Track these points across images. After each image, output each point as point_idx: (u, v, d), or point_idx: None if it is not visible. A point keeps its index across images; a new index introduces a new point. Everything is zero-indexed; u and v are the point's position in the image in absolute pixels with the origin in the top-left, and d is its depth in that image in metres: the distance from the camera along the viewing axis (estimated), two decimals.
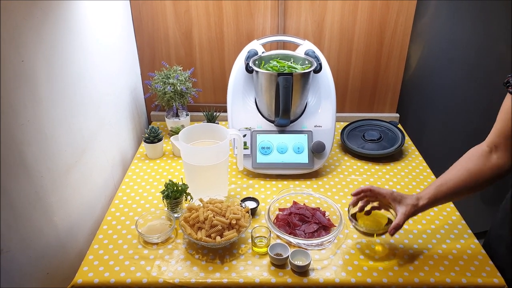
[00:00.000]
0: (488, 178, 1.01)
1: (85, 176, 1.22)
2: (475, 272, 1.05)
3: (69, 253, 1.15)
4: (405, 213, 1.01)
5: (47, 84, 1.01)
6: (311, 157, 1.42)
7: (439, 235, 1.18)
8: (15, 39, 0.88)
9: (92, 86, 1.26)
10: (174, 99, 1.56)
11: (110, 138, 1.41)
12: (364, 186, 1.08)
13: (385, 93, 1.82)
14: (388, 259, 1.09)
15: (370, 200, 1.11)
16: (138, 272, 1.05)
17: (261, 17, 1.63)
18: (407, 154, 1.59)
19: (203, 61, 1.73)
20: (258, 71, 1.36)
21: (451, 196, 1.04)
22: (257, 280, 1.03)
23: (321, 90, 1.47)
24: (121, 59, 1.53)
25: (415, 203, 1.02)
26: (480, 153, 1.02)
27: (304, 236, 1.15)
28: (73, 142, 1.15)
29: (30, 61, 0.94)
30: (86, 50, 1.22)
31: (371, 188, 1.07)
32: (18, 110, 0.90)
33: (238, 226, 1.11)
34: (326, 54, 1.69)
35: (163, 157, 1.56)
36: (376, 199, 1.09)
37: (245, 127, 1.45)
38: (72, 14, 1.13)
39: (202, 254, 1.11)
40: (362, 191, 1.08)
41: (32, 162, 0.96)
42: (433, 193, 1.02)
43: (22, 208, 0.94)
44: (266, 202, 1.31)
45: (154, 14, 1.63)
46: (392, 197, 1.05)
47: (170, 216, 1.20)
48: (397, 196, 1.04)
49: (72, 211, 1.15)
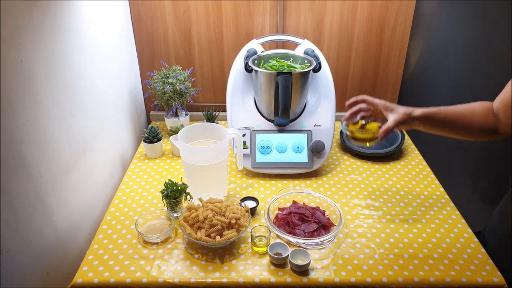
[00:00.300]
0: (483, 129, 1.03)
1: (85, 176, 1.22)
2: (475, 271, 1.05)
3: (69, 253, 1.15)
4: (396, 119, 1.02)
5: (47, 84, 1.01)
6: (310, 156, 1.42)
7: (439, 234, 1.18)
8: (14, 39, 0.88)
9: (92, 86, 1.26)
10: (173, 98, 1.56)
11: (110, 138, 1.41)
12: (359, 96, 1.10)
13: (384, 92, 1.82)
14: (387, 258, 1.09)
15: (365, 116, 1.12)
16: (138, 272, 1.05)
17: (260, 16, 1.63)
18: (406, 153, 1.59)
19: (202, 61, 1.73)
20: (258, 71, 1.36)
21: (445, 124, 1.04)
22: (257, 279, 1.03)
23: (320, 89, 1.47)
24: (121, 59, 1.53)
25: (408, 112, 1.03)
26: (488, 107, 1.03)
27: (304, 236, 1.15)
28: (73, 142, 1.15)
29: (30, 61, 0.94)
30: (86, 50, 1.22)
31: (365, 98, 1.09)
32: (17, 110, 0.90)
33: (237, 225, 1.11)
34: (326, 53, 1.69)
35: (163, 156, 1.56)
36: (371, 111, 1.11)
37: (245, 127, 1.45)
38: (72, 14, 1.13)
39: (202, 253, 1.11)
40: (357, 101, 1.10)
41: (31, 162, 0.96)
42: (430, 111, 1.03)
43: (22, 208, 0.94)
44: (266, 201, 1.31)
45: (153, 14, 1.63)
46: (384, 106, 1.06)
47: (169, 215, 1.20)
48: (390, 106, 1.06)
49: (72, 211, 1.15)
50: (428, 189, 1.38)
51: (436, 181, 1.42)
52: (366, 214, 1.26)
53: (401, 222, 1.22)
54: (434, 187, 1.39)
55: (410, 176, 1.45)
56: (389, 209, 1.28)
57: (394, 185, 1.40)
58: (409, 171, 1.48)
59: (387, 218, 1.24)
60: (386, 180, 1.43)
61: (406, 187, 1.39)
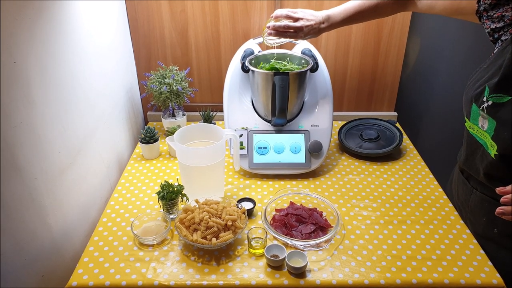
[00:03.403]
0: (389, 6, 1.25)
1: (80, 177, 1.21)
2: (474, 272, 1.04)
3: (64, 256, 1.14)
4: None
5: (41, 85, 1.00)
6: (308, 157, 1.41)
7: (437, 236, 1.17)
8: (7, 40, 0.87)
9: (87, 87, 1.25)
10: (170, 99, 1.55)
11: (106, 139, 1.40)
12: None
13: (383, 92, 1.81)
14: (385, 260, 1.08)
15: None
16: (134, 274, 1.04)
17: (257, 16, 1.62)
18: (405, 153, 1.58)
19: (199, 61, 1.72)
20: (255, 71, 1.35)
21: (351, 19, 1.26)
22: (253, 282, 1.02)
23: (318, 89, 1.47)
24: (117, 59, 1.52)
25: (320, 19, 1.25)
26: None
27: (301, 237, 1.14)
28: (68, 143, 1.14)
29: (23, 62, 0.92)
30: (81, 50, 1.21)
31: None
32: (10, 112, 0.89)
33: (234, 227, 1.10)
34: (323, 53, 1.68)
35: (160, 157, 1.55)
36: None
37: (242, 127, 1.44)
38: (66, 14, 1.12)
39: (198, 255, 1.10)
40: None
41: (25, 164, 0.95)
42: (332, 13, 1.26)
43: (15, 211, 0.93)
44: (263, 202, 1.30)
45: (150, 14, 1.62)
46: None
47: (165, 217, 1.19)
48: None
49: (67, 213, 1.14)
50: (427, 190, 1.37)
51: (435, 181, 1.41)
52: (364, 215, 1.25)
53: (399, 223, 1.22)
54: (432, 188, 1.38)
55: (408, 177, 1.44)
56: (387, 210, 1.27)
57: (392, 186, 1.39)
58: (408, 171, 1.47)
59: (385, 219, 1.23)
60: (385, 180, 1.42)
61: (404, 188, 1.38)
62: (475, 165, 1.06)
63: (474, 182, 1.11)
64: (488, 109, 0.95)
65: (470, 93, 1.01)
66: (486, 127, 0.97)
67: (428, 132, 1.86)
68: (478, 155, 1.04)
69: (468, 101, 1.02)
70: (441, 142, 1.84)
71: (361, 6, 1.24)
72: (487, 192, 1.06)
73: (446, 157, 1.82)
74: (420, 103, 1.84)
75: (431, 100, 1.80)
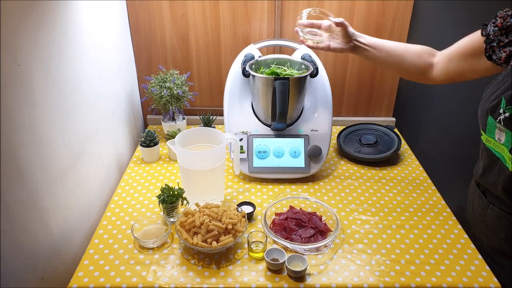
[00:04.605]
0: (413, 66, 1.20)
1: (81, 180, 1.21)
2: (472, 276, 1.05)
3: (64, 258, 1.14)
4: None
5: (43, 87, 1.00)
6: (307, 161, 1.42)
7: (435, 240, 1.18)
8: (11, 43, 0.87)
9: (89, 90, 1.26)
10: (170, 102, 1.56)
11: (106, 142, 1.40)
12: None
13: (381, 97, 1.82)
14: (384, 264, 1.09)
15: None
16: (134, 277, 1.04)
17: (258, 21, 1.63)
18: (403, 158, 1.59)
19: (199, 65, 1.73)
20: (255, 75, 1.36)
21: (381, 53, 1.22)
22: (253, 285, 1.02)
23: (317, 94, 1.48)
24: (118, 63, 1.53)
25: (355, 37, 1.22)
26: (425, 49, 1.21)
27: (301, 241, 1.14)
28: (69, 146, 1.14)
29: (26, 65, 0.93)
30: (83, 53, 1.22)
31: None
32: (13, 114, 0.89)
33: (234, 231, 1.11)
34: (323, 59, 1.69)
35: (159, 161, 1.56)
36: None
37: (242, 131, 1.45)
38: (69, 17, 1.13)
39: (198, 259, 1.10)
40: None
41: (27, 166, 0.95)
42: (370, 39, 1.22)
43: (16, 213, 0.93)
44: (263, 206, 1.30)
45: (151, 18, 1.63)
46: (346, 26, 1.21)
47: (166, 220, 1.19)
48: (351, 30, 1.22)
49: (68, 216, 1.14)
50: (425, 195, 1.38)
51: (433, 186, 1.42)
52: (363, 219, 1.26)
53: (398, 228, 1.22)
54: (430, 193, 1.39)
55: (406, 182, 1.45)
56: (386, 215, 1.28)
57: (391, 190, 1.40)
58: (406, 176, 1.48)
59: (384, 223, 1.24)
60: (383, 185, 1.43)
61: (402, 193, 1.39)
62: (492, 180, 1.03)
63: (491, 197, 1.08)
64: (505, 121, 0.92)
65: (485, 105, 0.98)
66: (503, 140, 0.94)
67: (426, 138, 1.88)
68: (495, 169, 1.01)
69: (483, 114, 0.99)
70: (439, 147, 1.86)
71: (390, 43, 1.23)
72: (505, 208, 1.04)
73: (444, 162, 1.84)
74: (418, 109, 1.85)
75: (429, 105, 1.82)
